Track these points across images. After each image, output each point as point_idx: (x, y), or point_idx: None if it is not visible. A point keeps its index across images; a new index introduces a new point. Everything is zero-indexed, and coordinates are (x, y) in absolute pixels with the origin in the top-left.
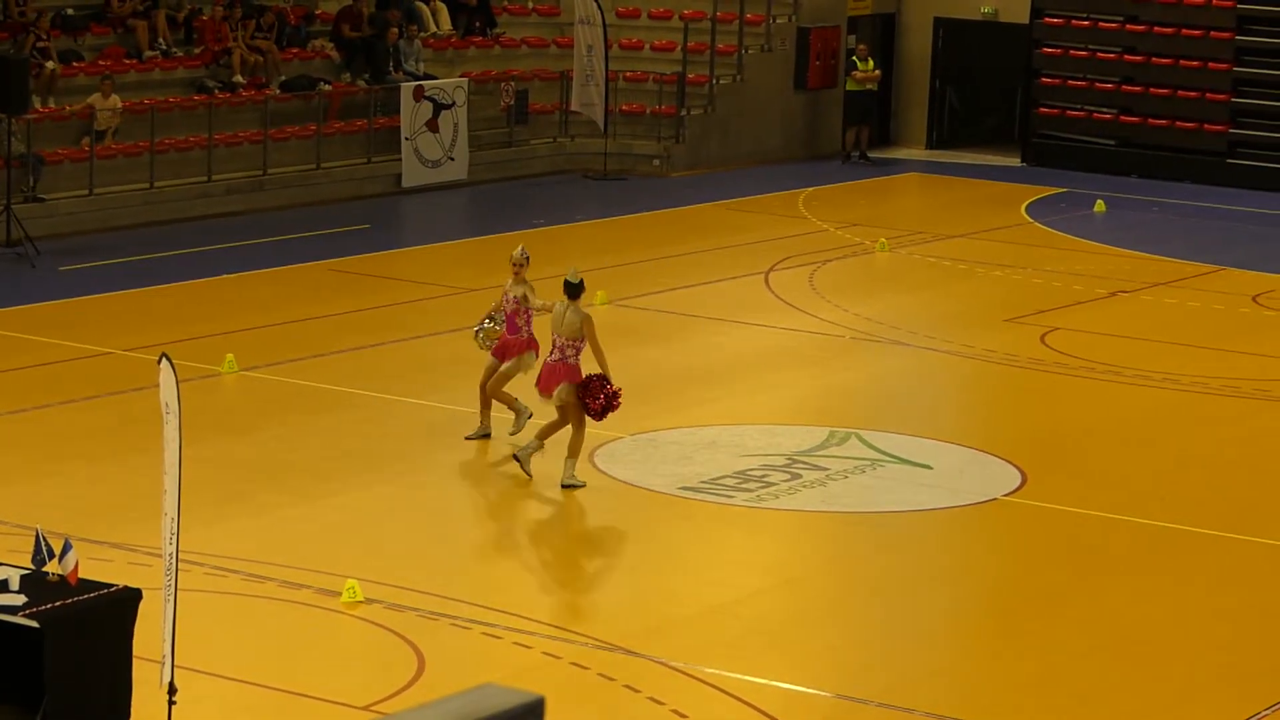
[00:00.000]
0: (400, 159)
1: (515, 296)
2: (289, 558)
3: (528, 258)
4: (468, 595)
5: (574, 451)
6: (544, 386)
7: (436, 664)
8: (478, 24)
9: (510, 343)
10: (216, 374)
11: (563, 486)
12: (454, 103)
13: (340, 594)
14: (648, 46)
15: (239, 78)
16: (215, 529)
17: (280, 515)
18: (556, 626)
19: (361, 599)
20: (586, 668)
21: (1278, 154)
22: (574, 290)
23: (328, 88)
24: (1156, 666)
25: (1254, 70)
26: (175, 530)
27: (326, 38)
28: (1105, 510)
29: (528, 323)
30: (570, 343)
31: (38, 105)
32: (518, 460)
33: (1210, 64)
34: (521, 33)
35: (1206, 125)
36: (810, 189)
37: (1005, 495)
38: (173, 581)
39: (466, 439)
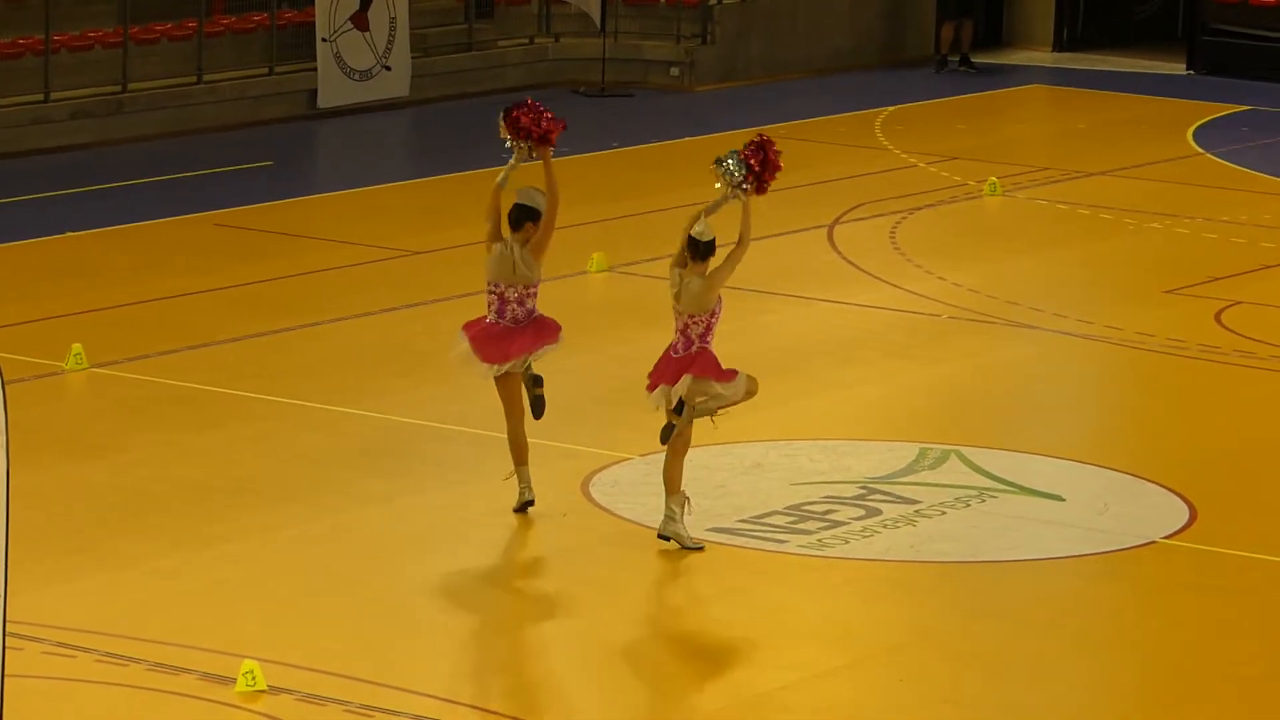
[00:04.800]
0: (315, 69)
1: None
2: (162, 630)
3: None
4: (413, 681)
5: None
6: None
7: None
8: None
9: (513, 335)
10: (59, 372)
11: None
12: None
13: (235, 681)
14: None
15: None
16: (58, 590)
17: (150, 570)
18: None
19: (264, 688)
20: None
21: None
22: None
23: None
24: None
25: None
26: (0, 593)
27: None
28: None
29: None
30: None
31: None
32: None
33: None
34: None
35: None
36: (892, 108)
37: (1167, 537)
38: None
39: (516, 511)
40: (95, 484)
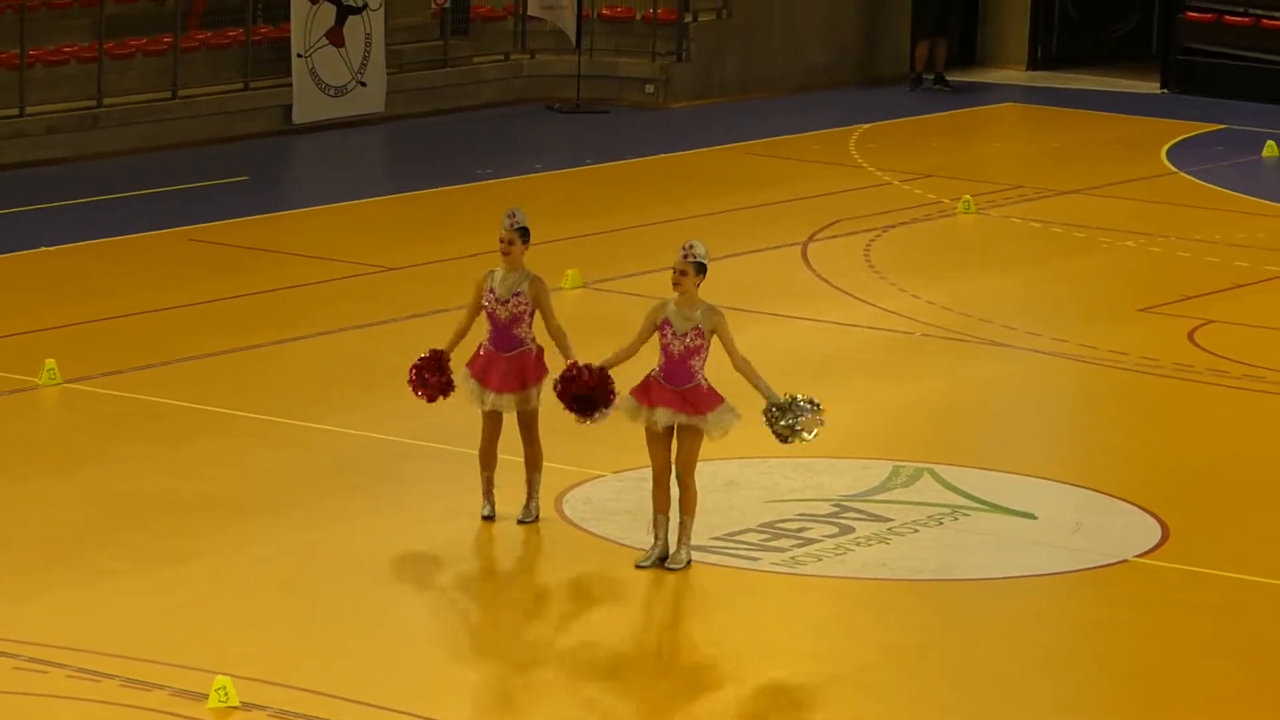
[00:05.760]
0: (290, 84)
1: (515, 293)
2: (135, 645)
3: (525, 229)
4: (386, 698)
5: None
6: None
7: None
8: None
9: (509, 364)
10: (32, 386)
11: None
12: (366, 5)
13: (207, 697)
14: None
15: None
16: (30, 606)
17: (122, 585)
18: None
19: (236, 704)
20: None
21: None
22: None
23: None
24: None
25: None
26: None
27: None
28: (1278, 577)
29: (530, 327)
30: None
31: None
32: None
33: None
34: None
35: None
36: (866, 126)
37: (1139, 555)
38: None
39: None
40: (68, 499)
